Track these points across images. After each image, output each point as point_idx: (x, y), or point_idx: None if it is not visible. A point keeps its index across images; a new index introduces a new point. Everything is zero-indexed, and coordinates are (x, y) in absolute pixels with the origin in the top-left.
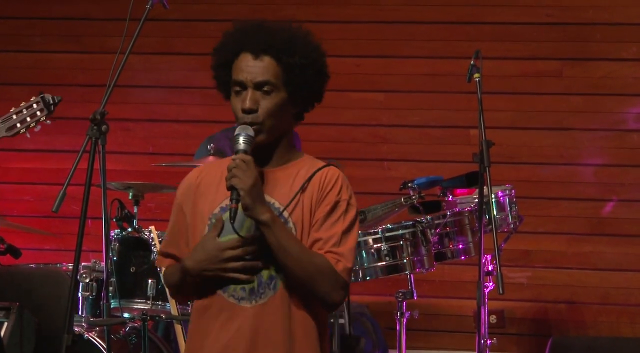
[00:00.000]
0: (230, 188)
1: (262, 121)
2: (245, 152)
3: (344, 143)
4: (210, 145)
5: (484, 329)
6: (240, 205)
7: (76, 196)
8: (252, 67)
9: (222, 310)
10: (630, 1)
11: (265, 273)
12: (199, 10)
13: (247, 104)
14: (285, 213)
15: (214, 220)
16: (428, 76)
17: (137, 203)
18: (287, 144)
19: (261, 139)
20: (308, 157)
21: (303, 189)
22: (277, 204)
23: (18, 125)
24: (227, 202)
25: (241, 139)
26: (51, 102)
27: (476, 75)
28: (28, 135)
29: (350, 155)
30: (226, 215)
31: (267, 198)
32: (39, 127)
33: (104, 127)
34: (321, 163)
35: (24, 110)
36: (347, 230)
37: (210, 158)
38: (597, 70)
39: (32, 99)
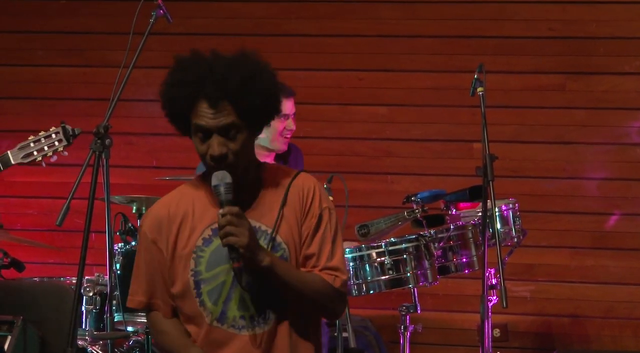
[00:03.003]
0: (228, 246)
1: (235, 163)
2: (229, 201)
3: (346, 156)
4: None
5: (487, 343)
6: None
7: (80, 210)
8: (213, 114)
9: (222, 342)
10: (633, 15)
11: (263, 300)
12: (201, 25)
13: (217, 151)
14: (276, 236)
15: (200, 254)
16: (431, 90)
17: (140, 217)
18: (254, 165)
19: (238, 180)
20: (273, 168)
21: (283, 204)
22: (264, 227)
23: (35, 153)
24: (209, 233)
25: (222, 189)
26: (71, 133)
27: (480, 89)
28: (44, 165)
29: (353, 169)
30: (212, 248)
31: (254, 223)
32: (55, 157)
33: (107, 141)
34: (290, 172)
35: (42, 139)
36: (335, 240)
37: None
38: (600, 84)
39: (51, 129)
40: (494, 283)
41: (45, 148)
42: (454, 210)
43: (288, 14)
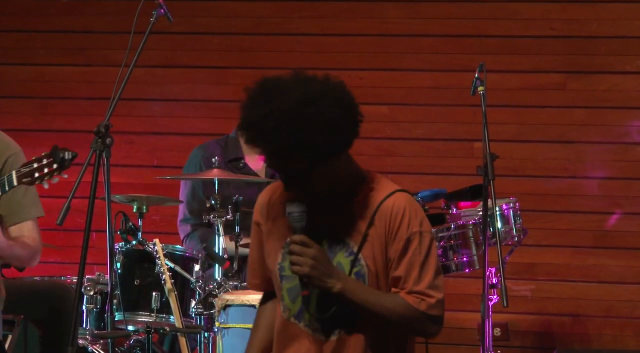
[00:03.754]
0: (296, 273)
1: (311, 190)
2: (301, 229)
3: None
4: (215, 157)
5: (488, 342)
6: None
7: (80, 209)
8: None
9: (296, 338)
10: (634, 14)
11: (339, 307)
12: (203, 24)
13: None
14: (355, 248)
15: (286, 249)
16: (432, 89)
17: (141, 216)
18: (349, 180)
19: (310, 204)
20: (375, 181)
21: (370, 224)
22: (351, 244)
23: (36, 174)
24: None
25: (293, 217)
26: (65, 157)
27: (480, 88)
28: (45, 186)
29: None
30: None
31: (343, 238)
32: (56, 179)
33: (108, 140)
34: (387, 188)
35: (35, 164)
36: (424, 264)
37: (215, 171)
38: (601, 83)
39: (42, 154)
40: (494, 282)
41: (45, 170)
42: (455, 209)
43: (289, 13)
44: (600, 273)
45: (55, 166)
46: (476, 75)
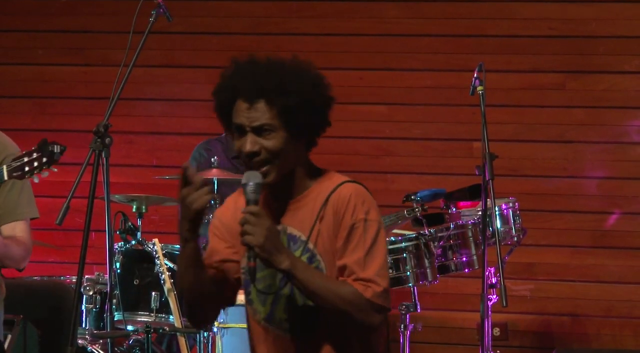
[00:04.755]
0: (246, 245)
1: (269, 160)
2: (255, 201)
3: (346, 155)
4: (214, 158)
5: (487, 342)
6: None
7: (80, 209)
8: (247, 113)
9: (270, 340)
10: (633, 14)
11: (307, 305)
12: (202, 23)
13: (248, 147)
14: (310, 245)
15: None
16: (431, 89)
17: (140, 215)
18: (304, 173)
19: (270, 179)
20: (327, 178)
21: (320, 218)
22: (303, 237)
23: (26, 168)
24: None
25: (248, 189)
26: (55, 150)
27: (479, 88)
28: (36, 180)
29: (353, 168)
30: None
31: (291, 230)
32: (46, 173)
33: (107, 140)
34: (336, 181)
35: (25, 158)
36: (369, 251)
37: (214, 171)
38: (599, 83)
39: (33, 148)
40: (493, 282)
41: (35, 163)
42: (454, 209)
43: (288, 12)
44: (599, 273)
45: (44, 160)
46: (475, 75)
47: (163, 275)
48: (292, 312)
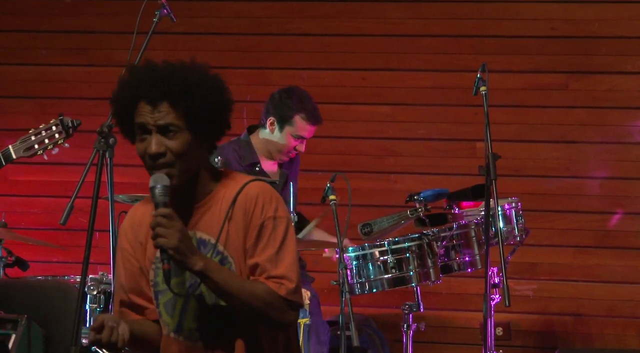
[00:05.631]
0: (159, 248)
1: (173, 163)
2: (164, 203)
3: (350, 156)
4: (217, 158)
5: (490, 341)
6: (171, 263)
7: (84, 209)
8: (152, 113)
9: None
10: (635, 14)
11: (217, 311)
12: (204, 24)
13: (154, 148)
14: (220, 247)
15: (158, 265)
16: (434, 89)
17: None
18: (207, 175)
19: (175, 182)
20: (230, 178)
21: (229, 218)
22: (211, 239)
23: (36, 146)
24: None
25: (157, 192)
26: (70, 125)
27: (482, 88)
28: (45, 157)
29: (356, 168)
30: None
31: (200, 234)
32: (56, 149)
33: (111, 140)
34: (240, 181)
35: (43, 132)
36: (280, 248)
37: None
38: (601, 84)
39: (51, 122)
40: (496, 282)
41: (46, 140)
42: (457, 209)
43: (291, 13)
44: (602, 273)
45: (58, 135)
46: (478, 75)
47: None
48: (201, 319)
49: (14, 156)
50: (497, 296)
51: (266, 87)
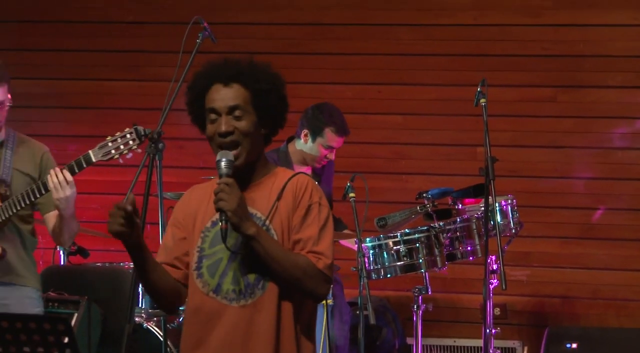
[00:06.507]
0: (218, 210)
1: (240, 141)
2: (227, 175)
3: (367, 159)
4: None
5: (489, 320)
6: (229, 224)
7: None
8: (223, 95)
9: (215, 312)
10: (616, 36)
11: (252, 276)
12: (241, 44)
13: (223, 127)
14: (267, 222)
15: (207, 233)
16: (440, 101)
17: None
18: (262, 161)
19: (241, 160)
20: (281, 169)
21: (279, 198)
22: (259, 215)
23: (113, 151)
24: (217, 216)
25: (222, 164)
26: (142, 133)
27: (482, 100)
28: (121, 161)
29: (372, 170)
30: (217, 229)
31: (251, 210)
32: (130, 154)
33: (160, 145)
34: (290, 173)
35: (119, 139)
36: (322, 229)
37: None
38: (587, 96)
39: (126, 130)
40: (494, 268)
41: (122, 146)
42: (460, 205)
43: (316, 35)
44: (587, 260)
45: (131, 142)
46: (479, 88)
47: None
48: (238, 282)
49: (93, 160)
50: (495, 281)
51: (296, 99)
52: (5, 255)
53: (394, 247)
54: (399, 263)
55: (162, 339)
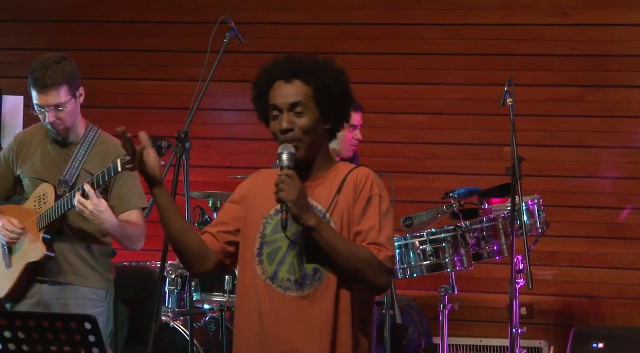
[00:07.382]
0: (279, 201)
1: (300, 138)
2: (288, 167)
3: (394, 158)
4: None
5: (515, 319)
6: (289, 214)
7: None
8: (285, 91)
9: (269, 300)
10: None
11: (309, 267)
12: (269, 44)
13: (284, 125)
14: (327, 215)
15: (270, 220)
16: (467, 100)
17: (215, 210)
18: (324, 156)
19: (300, 154)
20: (342, 164)
21: (339, 190)
22: (319, 207)
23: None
24: (279, 206)
25: (284, 156)
26: (163, 145)
27: (509, 99)
28: None
29: (399, 169)
30: (279, 217)
31: (311, 202)
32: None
33: (187, 144)
34: (351, 166)
35: None
36: (383, 221)
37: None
38: (614, 96)
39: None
40: (521, 268)
41: None
42: (487, 205)
43: (344, 35)
44: (613, 260)
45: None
46: (505, 88)
47: None
48: (295, 272)
49: (119, 169)
50: (522, 280)
51: None
52: (53, 256)
53: (420, 247)
54: (425, 262)
55: (188, 338)
